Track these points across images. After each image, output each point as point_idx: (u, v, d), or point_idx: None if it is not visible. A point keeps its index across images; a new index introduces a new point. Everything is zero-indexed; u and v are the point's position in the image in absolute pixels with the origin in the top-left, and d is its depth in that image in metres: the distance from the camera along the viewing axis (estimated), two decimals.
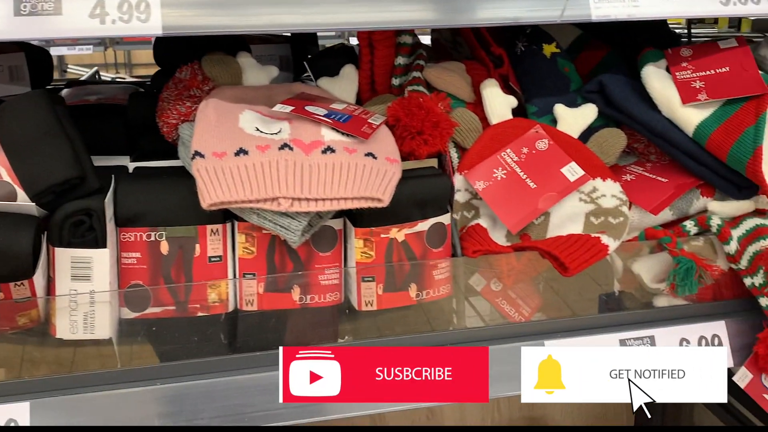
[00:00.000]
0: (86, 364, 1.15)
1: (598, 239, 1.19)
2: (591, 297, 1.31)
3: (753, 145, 1.20)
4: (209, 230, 1.15)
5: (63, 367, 1.16)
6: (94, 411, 1.09)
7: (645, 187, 1.29)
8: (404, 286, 1.19)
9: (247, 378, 1.13)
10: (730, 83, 1.28)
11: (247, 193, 1.08)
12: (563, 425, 2.07)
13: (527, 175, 1.26)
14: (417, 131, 1.21)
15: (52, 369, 1.17)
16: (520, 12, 1.12)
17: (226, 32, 1.08)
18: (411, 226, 1.17)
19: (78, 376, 1.10)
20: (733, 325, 1.29)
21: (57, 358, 1.16)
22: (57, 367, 1.17)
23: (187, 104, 1.22)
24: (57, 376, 1.10)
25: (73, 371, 1.13)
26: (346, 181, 1.11)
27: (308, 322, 1.19)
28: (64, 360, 1.16)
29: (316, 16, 1.11)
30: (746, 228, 1.26)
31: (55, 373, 1.12)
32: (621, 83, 1.32)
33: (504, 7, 1.14)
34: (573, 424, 2.04)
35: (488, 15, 1.14)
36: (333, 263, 1.18)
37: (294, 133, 1.17)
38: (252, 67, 1.29)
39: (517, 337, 1.22)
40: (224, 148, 1.13)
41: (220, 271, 1.16)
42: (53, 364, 1.17)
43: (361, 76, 1.33)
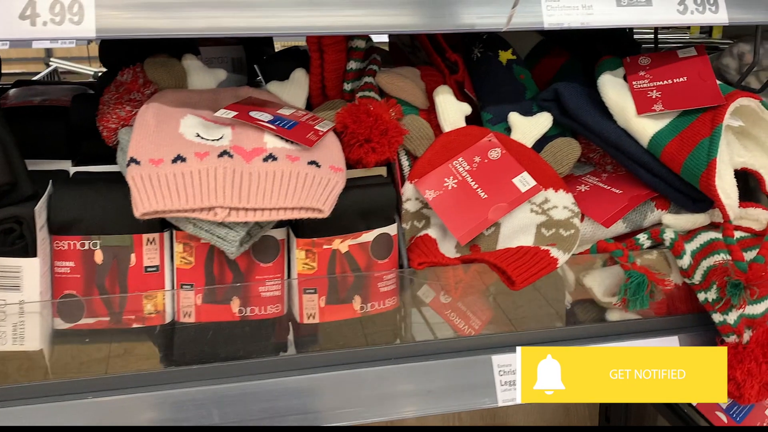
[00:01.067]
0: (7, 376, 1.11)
1: (548, 252, 1.16)
2: (542, 311, 1.28)
3: (707, 157, 1.17)
4: (145, 239, 1.11)
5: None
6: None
7: (599, 198, 1.26)
8: (348, 298, 1.15)
9: (182, 392, 1.10)
10: (686, 94, 1.25)
11: (182, 202, 1.04)
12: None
13: (478, 185, 1.23)
14: (365, 139, 1.18)
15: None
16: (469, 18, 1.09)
17: (164, 35, 1.05)
18: (355, 237, 1.14)
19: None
20: (686, 340, 1.27)
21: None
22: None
23: (127, 108, 1.18)
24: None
25: None
26: (286, 190, 1.08)
27: (248, 335, 1.15)
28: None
29: (259, 19, 1.08)
30: (700, 242, 1.24)
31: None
32: (576, 92, 1.29)
33: (456, 13, 1.11)
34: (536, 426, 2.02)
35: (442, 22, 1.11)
36: (275, 274, 1.15)
37: (235, 139, 1.13)
38: (198, 70, 1.25)
39: (463, 351, 1.20)
40: (162, 154, 1.10)
41: (156, 281, 1.12)
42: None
43: (312, 81, 1.29)
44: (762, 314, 1.22)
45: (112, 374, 1.10)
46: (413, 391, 1.17)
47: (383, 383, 1.16)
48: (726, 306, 1.19)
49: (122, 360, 1.14)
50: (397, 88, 1.30)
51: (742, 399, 1.20)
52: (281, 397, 1.13)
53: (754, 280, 1.15)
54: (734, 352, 1.20)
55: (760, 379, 1.19)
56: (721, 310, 1.21)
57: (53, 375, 1.11)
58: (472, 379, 1.19)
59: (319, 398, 1.14)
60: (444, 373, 1.18)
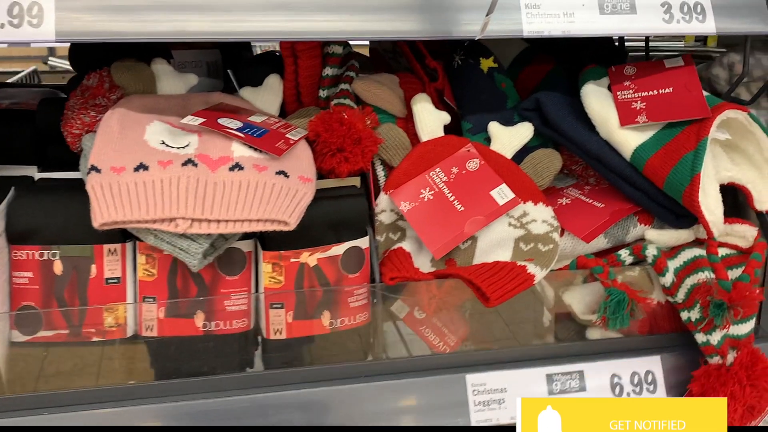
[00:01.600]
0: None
1: (524, 268, 1.12)
2: (520, 327, 1.24)
3: (691, 172, 1.13)
4: (106, 250, 1.07)
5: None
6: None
7: (580, 212, 1.22)
8: (316, 313, 1.11)
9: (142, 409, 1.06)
10: (672, 105, 1.21)
11: (143, 212, 1.01)
12: None
13: (455, 197, 1.19)
14: (337, 148, 1.14)
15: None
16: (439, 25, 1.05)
17: (126, 40, 1.01)
18: (324, 250, 1.10)
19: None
20: (669, 360, 1.23)
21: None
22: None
23: (91, 114, 1.14)
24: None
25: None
26: (252, 201, 1.04)
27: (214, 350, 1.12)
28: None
29: (227, 24, 1.04)
30: (684, 259, 1.20)
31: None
32: (558, 101, 1.25)
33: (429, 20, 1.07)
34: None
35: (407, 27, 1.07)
36: (241, 288, 1.11)
37: (201, 147, 1.09)
38: (167, 75, 1.21)
39: (436, 370, 1.16)
40: (124, 162, 1.06)
41: (117, 293, 1.09)
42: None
43: (286, 87, 1.25)
44: (746, 335, 1.19)
45: (72, 389, 1.06)
46: (383, 410, 1.13)
47: (352, 401, 1.12)
48: (709, 326, 1.15)
49: (82, 374, 1.10)
50: (374, 96, 1.26)
51: None
52: (246, 416, 1.09)
53: (737, 300, 1.11)
54: (717, 374, 1.16)
55: (744, 402, 1.15)
56: (704, 330, 1.17)
57: (8, 390, 1.07)
58: (445, 398, 1.15)
59: (286, 417, 1.10)
60: (415, 391, 1.14)
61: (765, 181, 1.26)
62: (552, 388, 1.17)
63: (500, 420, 1.15)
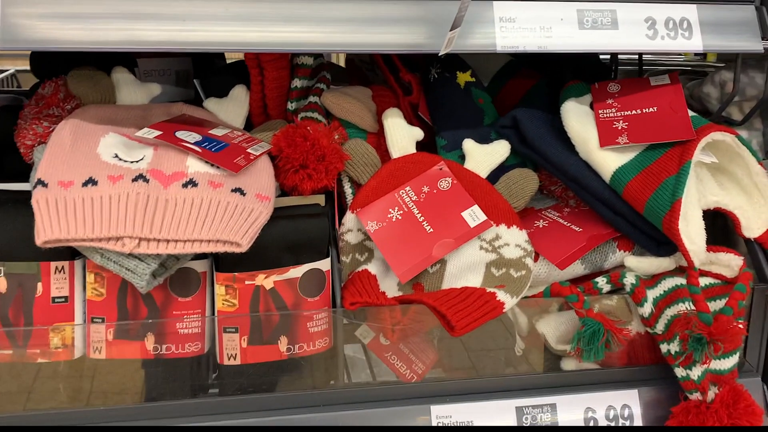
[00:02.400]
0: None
1: (494, 295, 1.06)
2: (490, 356, 1.18)
3: (671, 198, 1.07)
4: (54, 267, 1.03)
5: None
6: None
7: (556, 236, 1.16)
8: (272, 339, 1.06)
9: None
10: (655, 126, 1.15)
11: (88, 230, 0.96)
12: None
13: (425, 218, 1.14)
14: (300, 164, 1.09)
15: None
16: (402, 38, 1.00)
17: (75, 48, 0.97)
18: (281, 272, 1.05)
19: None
20: (647, 394, 1.17)
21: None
22: None
23: (44, 124, 1.09)
24: None
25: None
26: (204, 220, 0.98)
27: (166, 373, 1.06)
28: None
29: (182, 33, 0.99)
30: (664, 288, 1.13)
31: None
32: (537, 119, 1.19)
33: (392, 32, 1.02)
34: None
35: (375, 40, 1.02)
36: (194, 310, 1.06)
37: (155, 162, 1.04)
38: (128, 84, 1.17)
39: (400, 400, 1.10)
40: (73, 176, 1.01)
41: (65, 313, 1.04)
42: None
43: (252, 99, 1.20)
44: (729, 370, 1.12)
45: (15, 413, 1.02)
46: None
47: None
48: (688, 360, 1.09)
49: (26, 397, 1.05)
50: (344, 110, 1.21)
51: None
52: None
53: (718, 334, 1.05)
54: (696, 411, 1.10)
55: None
56: (683, 364, 1.10)
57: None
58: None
59: None
60: (377, 422, 1.09)
61: (754, 206, 1.20)
62: (521, 421, 1.11)
63: None
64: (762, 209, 1.20)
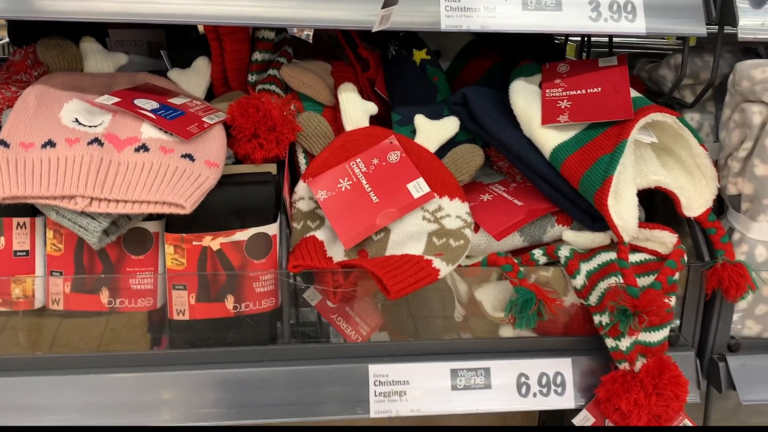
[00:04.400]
0: None
1: (430, 262, 1.12)
2: (429, 321, 1.24)
3: (604, 175, 1.11)
4: (15, 223, 1.10)
5: None
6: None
7: (497, 209, 1.21)
8: (220, 297, 1.13)
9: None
10: (597, 105, 1.19)
11: (44, 189, 1.03)
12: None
13: (372, 188, 1.19)
14: (252, 134, 1.15)
15: None
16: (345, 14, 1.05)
17: (31, 17, 1.02)
18: (228, 234, 1.11)
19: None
20: (581, 363, 1.21)
21: None
22: None
23: (12, 89, 1.16)
24: None
25: None
26: (152, 183, 1.05)
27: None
28: None
29: (137, 5, 1.05)
30: (598, 262, 1.18)
31: None
32: (484, 97, 1.24)
33: (337, 8, 1.07)
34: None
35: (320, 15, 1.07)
36: (147, 267, 1.13)
37: (111, 127, 1.11)
38: (95, 53, 1.23)
39: (340, 359, 1.16)
40: (34, 138, 1.08)
41: (26, 266, 1.11)
42: None
43: (214, 71, 1.26)
44: (659, 343, 1.17)
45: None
46: (282, 398, 1.14)
47: (254, 385, 1.14)
48: (616, 332, 1.14)
49: None
50: (301, 83, 1.26)
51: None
52: (148, 389, 1.11)
53: (643, 307, 1.10)
54: (623, 381, 1.14)
55: (649, 410, 1.14)
56: (612, 335, 1.15)
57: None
58: (347, 388, 1.15)
59: (183, 395, 1.11)
60: (317, 378, 1.15)
61: (696, 186, 1.24)
62: (456, 383, 1.17)
63: (400, 412, 1.15)
64: (703, 189, 1.24)
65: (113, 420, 1.10)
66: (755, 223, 1.20)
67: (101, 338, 1.16)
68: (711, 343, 1.26)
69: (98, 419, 1.09)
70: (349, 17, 1.07)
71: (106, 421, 1.10)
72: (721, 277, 1.17)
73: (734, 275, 1.16)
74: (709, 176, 1.23)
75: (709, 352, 1.26)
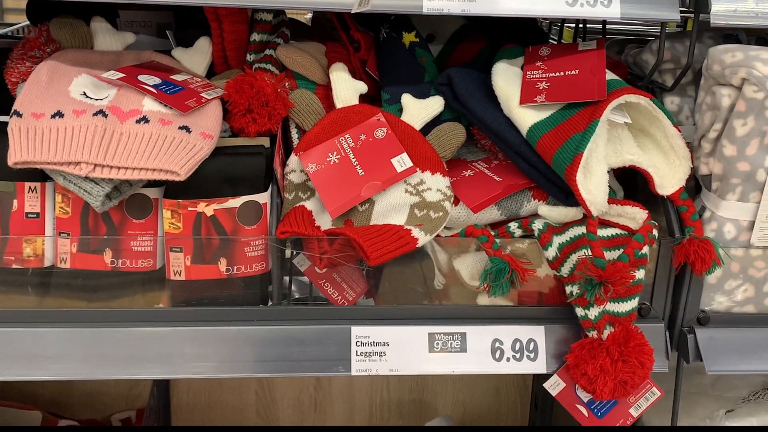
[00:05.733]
0: None
1: (409, 232, 1.19)
2: (411, 288, 1.31)
3: (574, 151, 1.18)
4: (27, 187, 1.19)
5: None
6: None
7: (477, 184, 1.28)
8: (213, 259, 1.21)
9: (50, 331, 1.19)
10: (573, 87, 1.25)
11: (51, 155, 1.12)
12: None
13: (358, 162, 1.27)
14: (246, 109, 1.23)
15: None
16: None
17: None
18: (220, 201, 1.20)
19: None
20: (554, 331, 1.28)
21: None
22: None
23: (27, 64, 1.26)
24: None
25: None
26: (151, 152, 1.14)
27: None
28: None
29: None
30: (571, 236, 1.24)
31: None
32: (467, 78, 1.30)
33: None
34: (464, 411, 2.05)
35: None
36: (146, 231, 1.22)
37: (116, 100, 1.20)
38: (104, 32, 1.32)
39: (325, 320, 1.24)
40: (44, 109, 1.17)
41: (37, 227, 1.21)
42: None
43: (214, 50, 1.34)
44: (627, 313, 1.23)
45: None
46: (270, 354, 1.22)
47: (245, 342, 1.22)
48: (584, 302, 1.20)
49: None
50: (295, 63, 1.34)
51: (595, 395, 1.22)
52: (145, 343, 1.20)
53: (608, 277, 1.16)
54: (590, 348, 1.21)
55: (615, 376, 1.20)
56: (581, 304, 1.22)
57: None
58: (330, 347, 1.23)
59: (177, 349, 1.20)
60: (303, 337, 1.23)
61: (671, 166, 1.30)
62: (433, 346, 1.25)
63: (379, 371, 1.23)
64: (677, 169, 1.29)
65: (113, 371, 1.20)
66: (724, 201, 1.25)
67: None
68: (681, 317, 1.32)
69: (100, 370, 1.19)
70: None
71: (108, 372, 1.20)
72: (687, 252, 1.23)
73: (700, 250, 1.22)
74: (683, 156, 1.29)
75: (680, 325, 1.32)
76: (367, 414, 2.06)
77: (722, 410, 1.51)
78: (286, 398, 2.03)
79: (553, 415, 1.96)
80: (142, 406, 1.96)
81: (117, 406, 1.97)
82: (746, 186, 1.23)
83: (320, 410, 2.05)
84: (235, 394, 2.00)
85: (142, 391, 1.97)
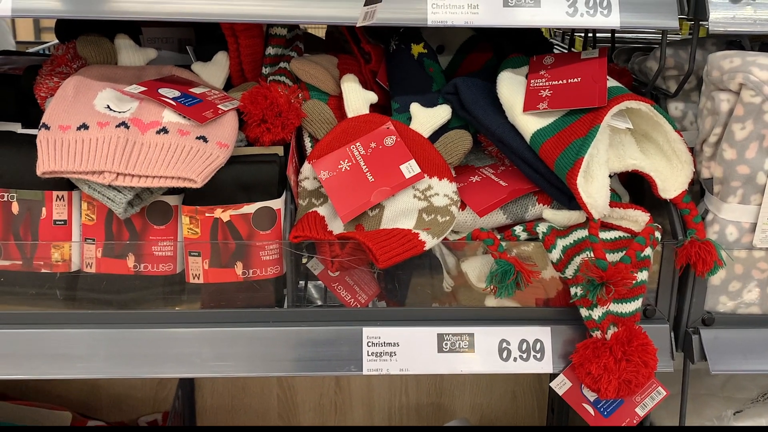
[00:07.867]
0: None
1: (417, 235, 1.24)
2: (421, 290, 1.36)
3: (575, 156, 1.21)
4: (55, 196, 1.26)
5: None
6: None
7: (483, 189, 1.32)
8: (230, 263, 1.27)
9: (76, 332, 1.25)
10: (574, 94, 1.29)
11: (77, 165, 1.19)
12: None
13: (369, 169, 1.32)
14: (260, 119, 1.29)
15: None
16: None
17: (72, 16, 1.18)
18: (236, 207, 1.25)
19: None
20: (560, 331, 1.31)
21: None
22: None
23: (55, 80, 1.33)
24: None
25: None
26: (169, 161, 1.20)
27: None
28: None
29: (158, 5, 1.19)
30: (574, 238, 1.28)
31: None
32: (473, 87, 1.35)
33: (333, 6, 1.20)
34: (482, 414, 2.08)
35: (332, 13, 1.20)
36: (167, 237, 1.28)
37: (137, 113, 1.26)
38: (127, 49, 1.39)
39: (338, 321, 1.29)
40: (70, 122, 1.24)
41: (64, 233, 1.27)
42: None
43: (232, 64, 1.41)
44: (631, 313, 1.26)
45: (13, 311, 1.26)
46: (284, 354, 1.27)
47: (260, 343, 1.27)
48: (587, 302, 1.24)
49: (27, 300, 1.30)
50: (308, 75, 1.40)
51: (600, 394, 1.25)
52: (166, 343, 1.26)
53: (610, 278, 1.19)
54: (594, 347, 1.24)
55: (619, 375, 1.23)
56: (585, 305, 1.25)
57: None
58: (343, 347, 1.28)
59: (197, 349, 1.26)
60: (317, 337, 1.28)
61: (673, 170, 1.33)
62: (442, 346, 1.29)
63: (390, 371, 1.28)
64: (679, 173, 1.33)
65: (136, 370, 1.26)
66: (725, 204, 1.28)
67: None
68: (686, 318, 1.34)
69: (123, 369, 1.25)
70: (341, 14, 1.20)
71: (130, 371, 1.26)
72: (689, 253, 1.26)
73: (702, 252, 1.25)
74: (685, 160, 1.32)
75: (685, 326, 1.34)
76: (386, 417, 2.11)
77: (730, 411, 1.52)
78: (308, 401, 2.08)
79: (569, 419, 1.98)
80: (167, 409, 2.03)
81: (143, 409, 2.04)
82: (747, 188, 1.26)
83: (340, 413, 2.10)
84: (258, 397, 2.06)
85: (167, 395, 2.03)
